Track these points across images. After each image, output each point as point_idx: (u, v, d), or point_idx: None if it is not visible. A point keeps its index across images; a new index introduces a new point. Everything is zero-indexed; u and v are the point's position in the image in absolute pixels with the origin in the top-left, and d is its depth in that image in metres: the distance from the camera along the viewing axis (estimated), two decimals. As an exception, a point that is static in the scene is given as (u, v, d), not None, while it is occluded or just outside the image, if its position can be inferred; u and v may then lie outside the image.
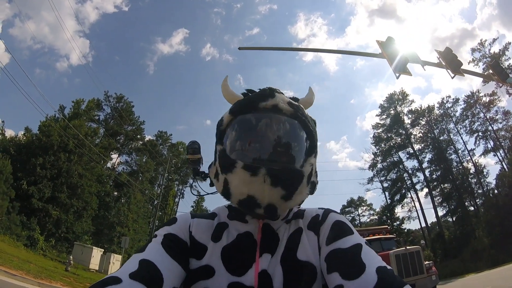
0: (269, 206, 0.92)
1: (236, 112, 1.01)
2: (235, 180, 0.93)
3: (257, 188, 0.90)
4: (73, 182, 31.90)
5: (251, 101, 1.01)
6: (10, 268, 12.52)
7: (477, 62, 40.87)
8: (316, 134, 1.03)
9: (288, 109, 0.99)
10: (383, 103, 51.46)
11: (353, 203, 57.08)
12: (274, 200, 0.91)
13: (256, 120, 0.98)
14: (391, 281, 0.75)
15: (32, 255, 21.61)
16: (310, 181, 1.00)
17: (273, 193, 0.90)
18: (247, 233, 1.00)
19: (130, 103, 46.96)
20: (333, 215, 1.01)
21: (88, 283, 15.69)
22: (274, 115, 0.98)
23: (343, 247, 0.87)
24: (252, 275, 0.90)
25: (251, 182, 0.90)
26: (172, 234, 0.95)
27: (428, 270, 12.27)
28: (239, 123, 1.00)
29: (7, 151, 28.91)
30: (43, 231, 28.25)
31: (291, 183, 0.93)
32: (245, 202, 0.93)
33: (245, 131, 0.99)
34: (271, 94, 1.00)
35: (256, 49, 18.36)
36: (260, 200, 0.91)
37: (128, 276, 0.75)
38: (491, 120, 41.65)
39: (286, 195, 0.92)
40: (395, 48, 11.71)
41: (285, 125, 0.97)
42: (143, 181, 45.05)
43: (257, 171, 0.89)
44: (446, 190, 43.97)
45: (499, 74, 13.10)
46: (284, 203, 0.93)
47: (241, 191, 0.93)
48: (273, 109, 0.98)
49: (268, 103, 0.98)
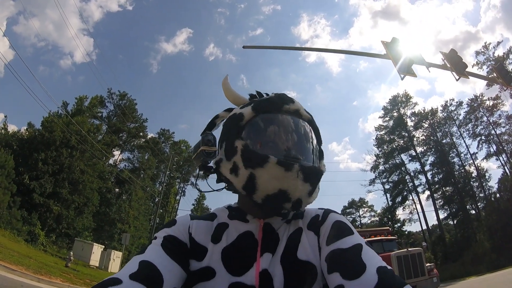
0: (298, 201, 0.94)
1: (259, 110, 1.02)
2: (265, 175, 0.91)
3: (290, 183, 0.91)
4: (74, 178, 32.03)
5: (274, 102, 1.04)
6: (10, 263, 12.53)
7: (481, 65, 40.77)
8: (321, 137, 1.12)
9: (307, 115, 1.06)
10: (386, 105, 51.51)
11: (354, 204, 57.06)
12: (303, 195, 0.94)
13: (283, 120, 1.01)
14: (392, 281, 0.75)
15: (33, 250, 21.67)
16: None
17: (304, 188, 0.93)
18: (248, 232, 1.00)
19: (133, 100, 47.12)
20: (333, 215, 1.01)
21: (88, 279, 15.74)
22: (299, 119, 1.04)
23: (344, 247, 0.87)
24: (253, 275, 0.90)
25: (284, 177, 0.90)
26: (172, 236, 0.95)
27: (429, 272, 12.24)
28: (266, 121, 1.01)
29: (9, 145, 29.02)
30: (44, 227, 28.39)
31: (316, 180, 0.98)
32: (275, 196, 0.92)
33: (273, 129, 1.00)
34: (291, 99, 1.05)
35: (261, 48, 18.36)
36: (291, 194, 0.92)
37: (128, 277, 0.76)
38: (494, 124, 41.56)
39: (311, 191, 0.97)
40: (400, 49, 11.67)
41: (306, 128, 1.04)
42: (144, 178, 45.16)
43: (291, 167, 0.91)
44: (448, 193, 43.93)
45: (503, 77, 13.05)
46: (308, 198, 0.97)
47: (273, 186, 0.92)
48: (295, 113, 1.03)
49: (291, 107, 1.03)
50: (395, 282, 0.75)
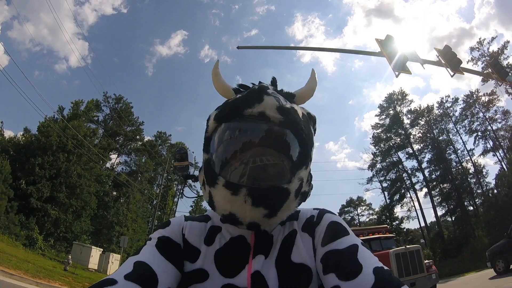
0: (251, 224, 0.89)
1: (221, 119, 0.94)
2: (217, 195, 0.90)
3: (238, 207, 0.87)
4: (72, 182, 31.96)
5: (236, 105, 0.93)
6: (8, 268, 12.47)
7: (476, 61, 40.80)
8: (310, 140, 0.96)
9: (277, 116, 0.89)
10: (382, 103, 51.44)
11: (352, 203, 57.13)
12: (256, 219, 0.88)
13: (240, 131, 0.91)
14: (389, 281, 0.74)
15: (31, 254, 21.58)
16: (301, 193, 0.95)
17: (255, 213, 0.86)
18: (240, 236, 0.98)
19: (129, 103, 47.06)
20: (328, 216, 0.99)
21: (87, 282, 15.67)
22: (261, 125, 0.89)
23: (339, 248, 0.86)
24: (244, 276, 0.89)
25: (232, 200, 0.86)
26: (166, 237, 0.95)
27: (428, 269, 12.23)
28: (223, 133, 0.93)
29: (6, 151, 29.00)
30: (42, 231, 28.32)
31: (275, 202, 0.88)
32: (227, 218, 0.91)
33: (227, 143, 0.92)
34: (258, 98, 0.91)
35: (255, 48, 18.41)
36: (242, 219, 0.88)
37: (123, 277, 0.76)
38: (490, 120, 41.64)
39: (269, 214, 0.87)
40: (394, 46, 11.67)
41: (271, 136, 0.89)
42: (142, 181, 45.13)
43: (238, 191, 0.85)
44: (446, 190, 43.95)
45: (498, 73, 13.09)
46: (268, 221, 0.89)
47: (224, 208, 0.90)
48: (260, 117, 0.89)
49: (254, 110, 0.89)
50: (392, 282, 0.74)
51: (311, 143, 0.96)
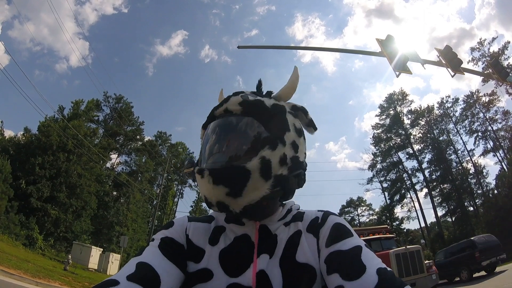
0: (219, 204, 0.91)
1: (204, 125, 1.06)
2: (198, 185, 0.98)
3: (205, 188, 0.93)
4: (72, 182, 31.94)
5: (211, 110, 1.04)
6: (8, 267, 12.47)
7: (476, 62, 40.86)
8: (280, 124, 0.97)
9: (237, 108, 0.97)
10: (383, 103, 51.49)
11: (353, 203, 57.17)
12: (220, 198, 0.90)
13: (210, 128, 1.02)
14: (392, 282, 0.76)
15: (31, 254, 21.58)
16: (274, 175, 0.90)
17: (216, 192, 0.90)
18: (244, 235, 1.00)
19: (129, 103, 47.10)
20: (333, 218, 1.01)
21: (87, 282, 15.67)
22: (223, 118, 0.99)
23: (343, 249, 0.88)
24: (250, 275, 0.90)
25: (201, 184, 0.94)
26: (169, 238, 0.96)
27: (428, 269, 12.24)
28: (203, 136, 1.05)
29: (6, 150, 28.98)
30: (42, 231, 28.31)
31: (234, 180, 0.89)
32: (205, 203, 0.96)
33: (204, 141, 1.03)
34: (226, 99, 1.02)
35: (255, 47, 18.39)
36: (209, 199, 0.93)
37: (126, 278, 0.77)
38: (490, 120, 41.66)
39: (231, 192, 0.88)
40: (395, 46, 11.64)
41: (230, 124, 0.97)
42: (142, 181, 45.17)
43: (203, 173, 0.92)
44: (446, 191, 43.99)
45: (499, 73, 13.05)
46: (234, 200, 0.89)
47: (202, 194, 0.97)
48: (224, 113, 1.00)
49: (221, 109, 1.00)
50: (395, 283, 0.75)
51: (282, 127, 0.96)
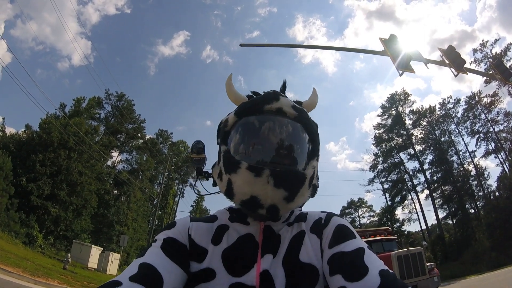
0: (271, 207, 0.92)
1: (241, 114, 1.03)
2: (238, 180, 0.94)
3: (260, 188, 0.90)
4: (72, 180, 31.87)
5: (256, 103, 1.02)
6: (7, 266, 12.42)
7: (478, 63, 40.89)
8: (318, 137, 1.04)
9: (292, 112, 1.00)
10: (385, 103, 51.51)
11: (353, 204, 57.11)
12: (276, 201, 0.91)
13: (260, 122, 0.99)
14: (394, 284, 0.77)
15: (31, 252, 21.54)
16: (312, 184, 1.00)
17: (276, 194, 0.90)
18: (248, 235, 1.00)
19: (131, 101, 47.04)
20: (336, 219, 1.02)
21: (86, 281, 15.64)
22: (278, 118, 0.99)
23: (346, 250, 0.89)
24: (253, 275, 0.90)
25: (254, 182, 0.90)
26: (171, 238, 0.96)
27: (430, 272, 12.22)
28: (244, 125, 1.02)
29: (7, 147, 28.92)
30: (42, 229, 28.27)
31: (294, 185, 0.93)
32: (248, 202, 0.93)
33: (249, 133, 1.00)
34: (275, 97, 1.02)
35: (257, 45, 18.64)
36: (263, 200, 0.91)
37: (128, 279, 0.79)
38: (492, 122, 41.61)
39: (288, 197, 0.92)
40: (398, 46, 11.63)
41: (288, 127, 0.99)
42: (143, 180, 45.12)
43: (261, 172, 0.89)
44: (447, 192, 43.95)
45: (502, 73, 12.99)
46: (286, 205, 0.93)
47: (245, 192, 0.93)
48: (278, 112, 1.00)
49: (273, 106, 1.00)
50: (397, 285, 0.77)
51: (318, 141, 1.04)
